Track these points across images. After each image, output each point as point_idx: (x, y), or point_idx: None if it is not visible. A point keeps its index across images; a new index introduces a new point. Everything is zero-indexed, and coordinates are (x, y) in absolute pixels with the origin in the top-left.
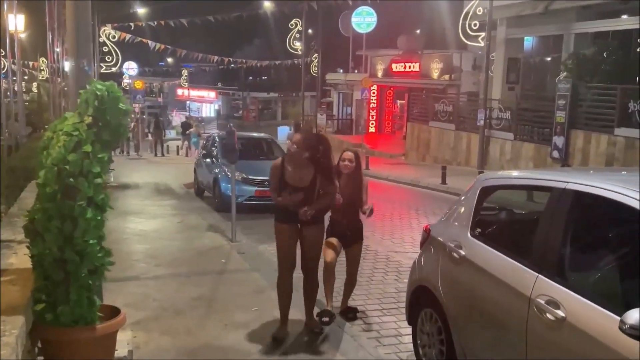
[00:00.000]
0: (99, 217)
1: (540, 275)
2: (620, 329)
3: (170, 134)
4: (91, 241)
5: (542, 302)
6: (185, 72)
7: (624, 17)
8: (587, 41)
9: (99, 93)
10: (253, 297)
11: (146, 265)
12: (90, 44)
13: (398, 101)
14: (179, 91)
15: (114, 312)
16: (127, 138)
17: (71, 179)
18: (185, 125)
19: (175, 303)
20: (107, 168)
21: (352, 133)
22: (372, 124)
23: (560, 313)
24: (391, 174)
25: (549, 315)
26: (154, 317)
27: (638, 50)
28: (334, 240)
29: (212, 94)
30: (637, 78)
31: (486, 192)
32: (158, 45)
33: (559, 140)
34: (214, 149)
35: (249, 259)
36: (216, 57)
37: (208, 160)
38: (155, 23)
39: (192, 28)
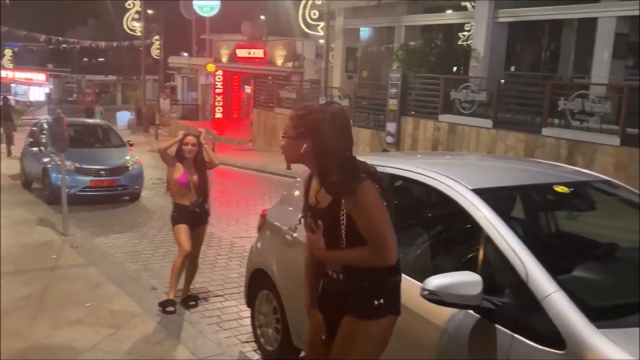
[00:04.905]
0: None
1: None
2: (421, 294)
3: None
4: None
5: None
6: (9, 51)
7: (449, 12)
8: (416, 33)
9: None
10: (88, 293)
11: None
12: None
13: (246, 87)
14: (3, 73)
15: None
16: None
17: None
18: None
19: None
20: None
21: (198, 119)
22: (219, 109)
23: None
24: (238, 161)
25: None
26: None
27: (459, 42)
28: (185, 227)
29: (41, 76)
30: (461, 68)
31: None
32: None
33: (391, 126)
34: (42, 136)
35: (83, 253)
36: (44, 36)
37: (35, 149)
38: None
39: (15, 4)
